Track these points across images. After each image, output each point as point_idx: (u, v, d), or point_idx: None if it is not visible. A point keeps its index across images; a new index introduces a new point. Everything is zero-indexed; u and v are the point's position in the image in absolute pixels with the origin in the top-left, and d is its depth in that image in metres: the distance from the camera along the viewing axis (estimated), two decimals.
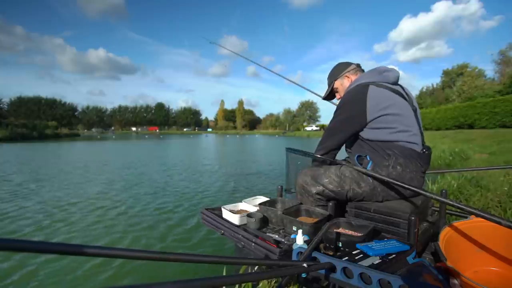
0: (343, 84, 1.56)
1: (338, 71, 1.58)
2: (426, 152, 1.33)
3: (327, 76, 1.65)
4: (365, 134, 1.33)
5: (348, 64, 1.57)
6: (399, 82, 1.43)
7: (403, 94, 1.35)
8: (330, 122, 1.41)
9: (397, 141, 1.28)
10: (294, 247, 1.00)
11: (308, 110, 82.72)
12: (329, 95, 1.68)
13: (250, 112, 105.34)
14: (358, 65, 1.58)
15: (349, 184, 1.35)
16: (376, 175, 1.23)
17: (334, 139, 1.39)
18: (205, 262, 0.57)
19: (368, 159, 1.33)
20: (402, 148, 1.27)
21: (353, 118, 1.32)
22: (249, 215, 1.42)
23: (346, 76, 1.55)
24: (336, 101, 1.74)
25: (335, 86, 1.59)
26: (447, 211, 1.55)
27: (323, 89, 1.72)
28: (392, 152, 1.28)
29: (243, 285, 1.41)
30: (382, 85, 1.33)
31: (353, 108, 1.31)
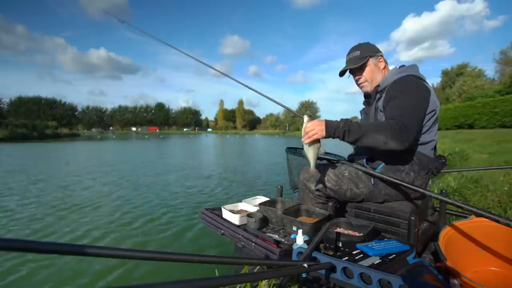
0: (377, 65, 1.37)
1: (374, 48, 1.38)
2: (443, 162, 1.30)
3: (353, 48, 1.39)
4: None
5: (379, 49, 1.40)
6: None
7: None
8: (403, 104, 1.13)
9: (421, 145, 1.24)
10: (294, 247, 1.00)
11: (308, 110, 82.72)
12: (343, 72, 1.42)
13: (250, 112, 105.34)
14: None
15: (346, 184, 1.35)
16: (377, 173, 1.22)
17: (418, 123, 1.15)
18: (205, 262, 0.57)
19: (381, 161, 1.28)
20: (421, 156, 1.24)
21: (425, 108, 1.17)
22: (249, 215, 1.42)
23: (380, 58, 1.37)
24: (345, 79, 1.46)
25: (368, 62, 1.36)
26: (447, 211, 1.55)
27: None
28: (410, 157, 1.24)
29: (243, 285, 1.41)
30: (429, 84, 1.27)
31: (423, 97, 1.17)
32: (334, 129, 1.12)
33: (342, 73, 1.44)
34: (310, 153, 1.20)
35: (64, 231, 3.74)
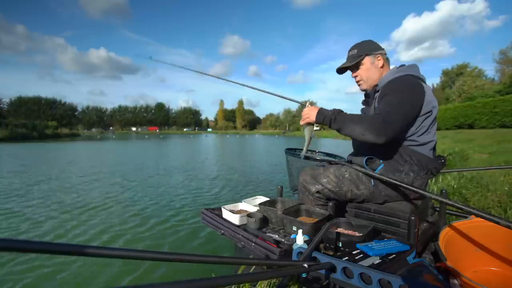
0: (374, 63, 1.35)
1: (372, 46, 1.36)
2: (442, 162, 1.30)
3: (352, 47, 1.39)
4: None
5: (380, 46, 1.37)
6: None
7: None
8: (397, 103, 1.14)
9: (419, 145, 1.23)
10: (294, 247, 1.00)
11: None
12: (342, 70, 1.43)
13: (250, 112, 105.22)
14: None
15: (347, 185, 1.35)
16: (376, 175, 1.22)
17: (403, 119, 1.14)
18: (205, 262, 0.57)
19: (380, 161, 1.28)
20: (420, 156, 1.23)
21: (417, 106, 1.17)
22: (249, 215, 1.42)
23: (378, 56, 1.35)
24: (347, 77, 1.54)
25: (363, 61, 1.35)
26: (447, 211, 1.55)
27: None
28: (409, 158, 1.23)
29: (242, 285, 1.41)
30: (427, 85, 1.26)
31: (417, 96, 1.17)
32: (323, 116, 1.23)
33: (338, 71, 1.46)
34: (306, 133, 1.37)
35: (65, 231, 3.74)
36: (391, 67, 1.39)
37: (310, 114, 1.28)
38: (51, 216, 4.32)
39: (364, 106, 1.50)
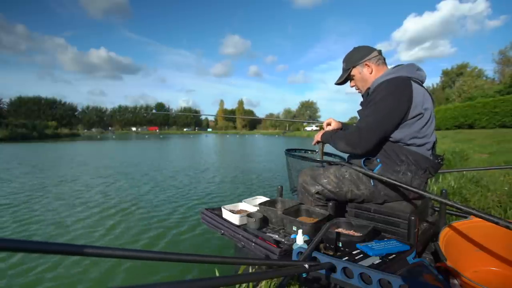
0: (362, 73, 1.37)
1: (358, 56, 1.38)
2: (440, 162, 1.30)
3: (343, 59, 1.44)
4: (392, 133, 1.23)
5: (369, 50, 1.37)
6: None
7: (432, 98, 1.29)
8: (373, 112, 1.21)
9: (416, 146, 1.23)
10: (294, 247, 1.00)
11: (308, 110, 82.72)
12: (343, 81, 1.49)
13: (250, 112, 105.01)
14: (380, 52, 1.38)
15: (347, 185, 1.35)
16: (376, 175, 1.22)
17: (382, 129, 1.20)
18: (205, 262, 0.57)
19: (378, 161, 1.28)
20: (417, 156, 1.23)
21: (400, 111, 1.18)
22: (249, 215, 1.42)
23: (366, 64, 1.36)
24: (348, 88, 1.55)
25: (352, 73, 1.40)
26: (447, 211, 1.55)
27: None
28: (406, 158, 1.23)
29: (243, 285, 1.41)
30: (420, 84, 1.26)
31: (401, 99, 1.17)
32: (325, 137, 1.46)
33: (337, 84, 1.54)
34: (318, 148, 1.61)
35: (63, 230, 3.74)
36: (390, 67, 1.39)
37: (318, 136, 1.51)
38: (51, 217, 4.32)
39: (361, 108, 1.51)
